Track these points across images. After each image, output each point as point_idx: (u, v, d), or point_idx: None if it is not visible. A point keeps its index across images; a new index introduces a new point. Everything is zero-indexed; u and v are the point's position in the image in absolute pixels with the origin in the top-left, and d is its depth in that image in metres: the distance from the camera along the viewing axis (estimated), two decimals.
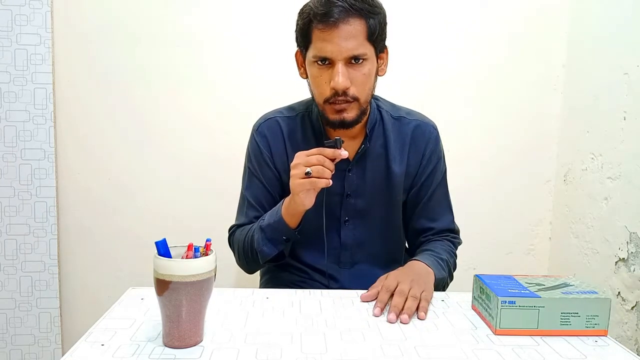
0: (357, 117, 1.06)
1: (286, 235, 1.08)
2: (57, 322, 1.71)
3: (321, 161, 0.97)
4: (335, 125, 1.07)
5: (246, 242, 1.13)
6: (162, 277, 0.73)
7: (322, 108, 1.07)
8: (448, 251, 1.17)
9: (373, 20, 1.02)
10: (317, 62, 1.04)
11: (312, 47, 1.04)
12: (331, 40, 1.00)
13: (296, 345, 0.78)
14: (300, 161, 0.99)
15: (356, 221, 1.17)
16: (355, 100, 1.04)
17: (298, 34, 1.08)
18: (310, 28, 1.03)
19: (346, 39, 1.00)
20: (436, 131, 1.20)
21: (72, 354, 0.74)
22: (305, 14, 1.04)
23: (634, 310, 1.36)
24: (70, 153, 1.71)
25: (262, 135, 1.17)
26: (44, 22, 1.62)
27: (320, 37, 1.01)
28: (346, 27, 1.00)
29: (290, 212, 1.05)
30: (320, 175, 0.97)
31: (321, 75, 1.04)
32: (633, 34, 1.41)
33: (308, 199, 1.01)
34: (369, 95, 1.08)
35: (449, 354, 0.77)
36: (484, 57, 1.75)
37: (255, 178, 1.18)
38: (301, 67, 1.13)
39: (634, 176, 1.38)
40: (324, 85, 1.04)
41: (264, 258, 1.10)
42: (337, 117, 1.05)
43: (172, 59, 1.69)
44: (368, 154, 1.15)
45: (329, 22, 0.99)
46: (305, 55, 1.09)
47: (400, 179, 1.16)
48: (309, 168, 0.97)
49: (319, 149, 0.99)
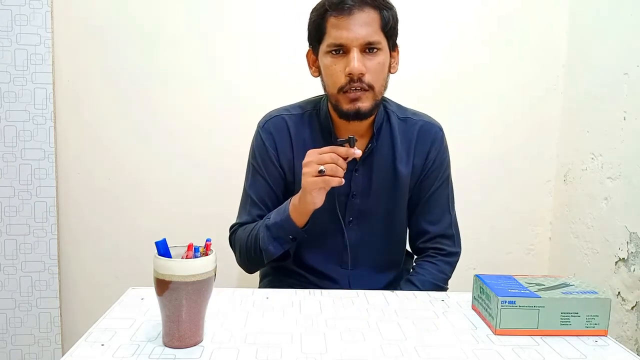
0: (371, 108, 1.05)
1: (293, 234, 1.07)
2: (57, 322, 1.71)
3: (334, 159, 0.97)
4: (349, 116, 1.05)
5: (249, 241, 1.11)
6: (162, 277, 0.73)
7: (336, 99, 1.06)
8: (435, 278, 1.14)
9: (387, 13, 1.04)
10: (331, 52, 1.04)
11: (327, 37, 1.05)
12: (346, 27, 1.01)
13: (296, 345, 0.78)
14: (313, 159, 0.98)
15: (360, 222, 1.16)
16: (370, 89, 1.04)
17: (311, 28, 1.09)
18: (325, 19, 1.04)
19: (361, 25, 1.01)
20: (442, 132, 1.20)
21: (72, 354, 0.74)
22: (320, 6, 1.06)
23: (634, 310, 1.36)
24: (70, 153, 1.71)
25: (267, 132, 1.16)
26: (44, 22, 1.62)
27: (335, 24, 1.03)
28: (361, 14, 1.02)
29: (299, 210, 1.04)
30: (334, 173, 0.96)
31: (336, 65, 1.04)
32: (633, 34, 1.41)
33: (319, 197, 1.00)
34: (382, 86, 1.07)
35: (449, 354, 0.77)
36: (484, 57, 1.75)
37: (259, 175, 1.16)
38: (313, 65, 1.13)
39: (634, 176, 1.38)
40: (339, 73, 1.03)
41: (268, 257, 1.08)
42: (352, 107, 1.04)
43: (172, 59, 1.69)
44: (375, 154, 1.14)
45: (344, 9, 1.01)
46: (317, 51, 1.09)
47: (406, 179, 1.16)
48: (322, 166, 0.96)
49: (332, 147, 0.98)
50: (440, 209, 1.20)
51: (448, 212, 1.21)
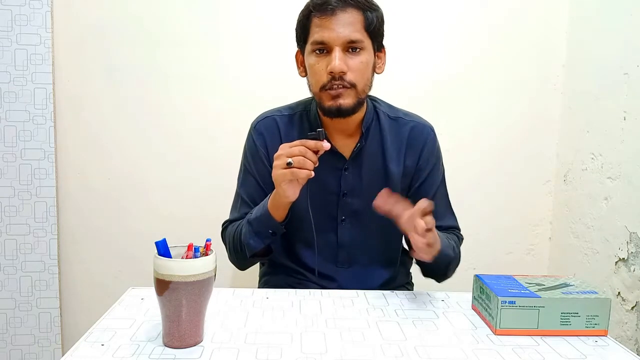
0: (353, 105, 1.06)
1: (272, 228, 1.08)
2: (57, 322, 1.71)
3: (303, 152, 0.97)
4: (332, 113, 1.06)
5: (235, 237, 1.13)
6: (162, 277, 0.73)
7: (319, 97, 1.08)
8: (452, 239, 1.15)
9: (370, 14, 1.06)
10: (315, 52, 1.06)
11: (310, 37, 1.07)
12: (328, 27, 1.04)
13: (296, 345, 0.78)
14: (283, 152, 0.99)
15: (353, 220, 1.16)
16: (352, 86, 1.05)
17: (298, 29, 1.11)
18: (309, 19, 1.07)
19: (343, 25, 1.04)
20: (433, 133, 1.20)
21: (72, 354, 0.74)
22: (305, 7, 1.09)
23: (634, 310, 1.36)
24: (70, 153, 1.71)
25: (259, 133, 1.18)
26: (44, 22, 1.62)
27: (318, 24, 1.05)
28: (344, 14, 1.04)
29: (275, 204, 1.06)
30: (302, 166, 0.97)
31: (318, 63, 1.06)
32: (633, 34, 1.41)
33: (291, 190, 1.00)
34: (366, 85, 1.08)
35: (449, 354, 0.77)
36: (484, 57, 1.75)
37: (250, 175, 1.18)
38: (300, 65, 1.15)
39: (634, 176, 1.38)
40: (322, 72, 1.05)
41: (250, 251, 1.10)
42: (334, 104, 1.05)
43: (172, 59, 1.69)
44: (364, 153, 1.15)
45: (327, 9, 1.04)
46: (304, 50, 1.11)
47: (398, 178, 1.16)
48: (290, 159, 0.97)
49: (302, 140, 0.99)
50: (442, 209, 1.20)
51: (450, 210, 1.22)
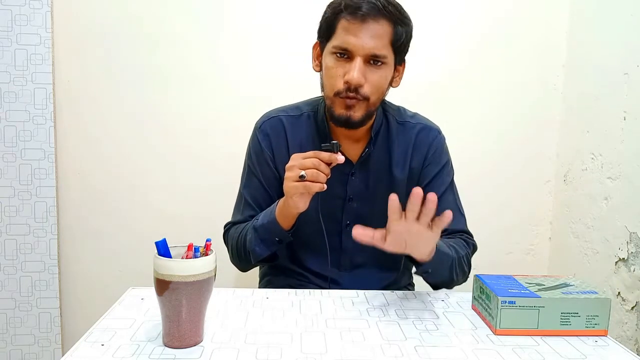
0: (362, 118, 1.04)
1: (279, 236, 1.06)
2: (57, 322, 1.71)
3: (316, 165, 0.95)
4: (340, 122, 1.04)
5: (239, 241, 1.12)
6: (162, 277, 0.73)
7: (331, 101, 1.05)
8: (459, 244, 1.11)
9: (400, 28, 1.02)
10: (336, 54, 1.03)
11: (335, 38, 1.03)
12: (356, 34, 1.00)
13: (296, 345, 0.78)
14: (296, 164, 0.97)
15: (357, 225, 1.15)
16: (365, 99, 1.02)
17: (323, 23, 1.07)
18: (338, 18, 1.02)
19: (371, 36, 1.00)
20: (440, 135, 1.18)
21: (72, 354, 0.74)
22: (337, 4, 1.03)
23: (634, 310, 1.36)
24: (70, 153, 1.71)
25: (264, 133, 1.16)
26: (44, 22, 1.62)
27: (345, 27, 1.01)
28: (374, 24, 1.00)
29: (283, 214, 1.04)
30: (315, 179, 0.95)
31: (337, 67, 1.02)
32: (633, 34, 1.41)
33: (302, 202, 0.98)
34: (378, 100, 1.06)
35: (449, 354, 0.77)
36: (484, 58, 1.75)
37: (254, 176, 1.16)
38: (316, 59, 1.11)
39: (634, 176, 1.38)
40: (338, 77, 1.02)
41: (255, 258, 1.09)
42: (344, 113, 1.03)
43: (172, 59, 1.69)
44: (371, 158, 1.14)
45: (358, 15, 0.99)
46: (324, 47, 1.07)
47: (402, 183, 1.14)
48: (303, 171, 0.94)
49: (315, 152, 0.97)
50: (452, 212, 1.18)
51: (460, 214, 1.19)
